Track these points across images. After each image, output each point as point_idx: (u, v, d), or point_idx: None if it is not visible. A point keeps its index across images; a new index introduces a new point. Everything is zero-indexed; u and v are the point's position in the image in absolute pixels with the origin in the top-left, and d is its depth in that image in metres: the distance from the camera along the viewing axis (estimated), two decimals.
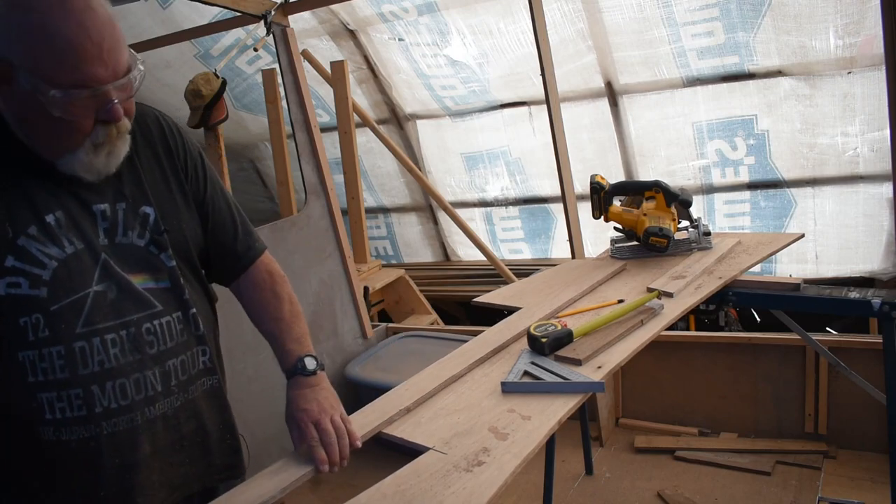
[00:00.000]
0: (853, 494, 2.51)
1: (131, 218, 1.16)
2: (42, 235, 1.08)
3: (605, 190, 2.11)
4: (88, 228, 1.12)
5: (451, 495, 1.05)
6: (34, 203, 1.08)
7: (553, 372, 1.38)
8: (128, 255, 1.15)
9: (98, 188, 1.13)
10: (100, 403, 1.10)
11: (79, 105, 1.01)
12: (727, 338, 3.06)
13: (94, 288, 1.11)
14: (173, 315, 1.19)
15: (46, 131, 1.05)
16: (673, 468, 2.88)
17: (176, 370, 1.19)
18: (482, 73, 3.61)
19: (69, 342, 1.08)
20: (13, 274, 1.05)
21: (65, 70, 0.99)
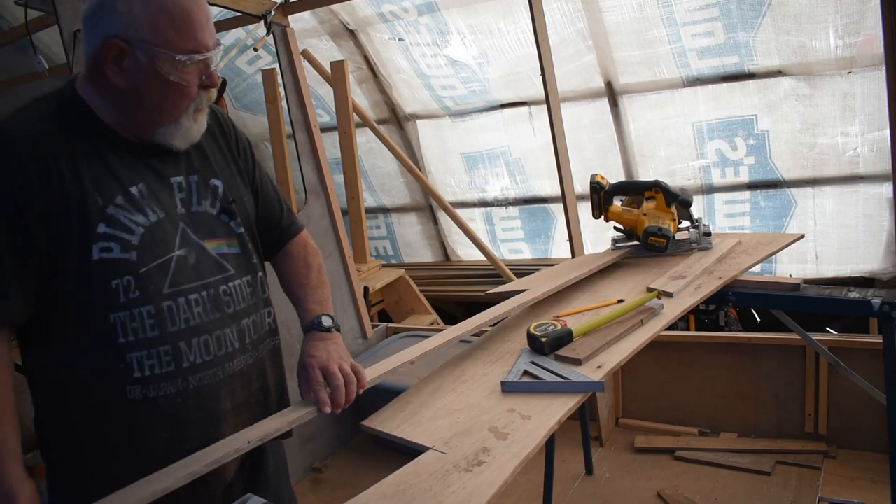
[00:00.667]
0: (853, 494, 2.51)
1: (203, 189, 1.26)
2: (128, 204, 1.16)
3: (605, 190, 2.11)
4: (167, 198, 1.21)
5: (451, 495, 1.05)
6: (118, 176, 1.17)
7: (553, 371, 1.38)
8: (202, 222, 1.25)
9: (172, 162, 1.24)
10: (187, 359, 1.18)
11: (192, 71, 1.14)
12: (727, 338, 3.06)
13: (177, 252, 1.20)
14: (244, 278, 1.29)
15: (158, 100, 1.15)
16: (673, 468, 2.88)
17: (249, 329, 1.28)
18: (482, 73, 3.61)
19: (158, 302, 1.16)
20: (105, 239, 1.13)
21: (184, 38, 1.12)
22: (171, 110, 1.18)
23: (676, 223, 2.05)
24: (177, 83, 1.14)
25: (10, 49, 3.73)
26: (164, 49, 1.11)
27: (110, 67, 1.13)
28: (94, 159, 1.16)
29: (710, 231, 2.09)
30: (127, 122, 1.19)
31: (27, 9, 2.25)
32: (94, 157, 1.16)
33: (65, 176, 1.12)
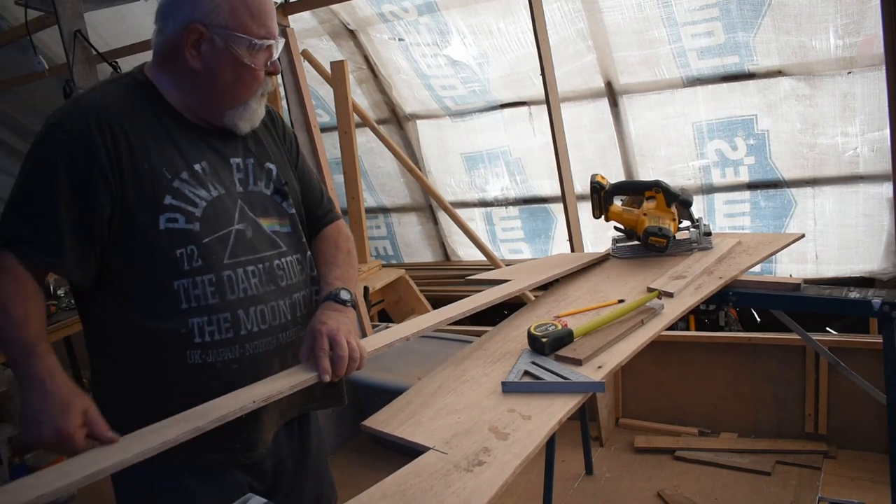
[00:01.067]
0: (853, 494, 2.51)
1: (258, 171, 1.36)
2: (192, 180, 1.25)
3: (605, 189, 2.10)
4: (226, 177, 1.31)
5: (451, 495, 1.05)
6: (184, 153, 1.27)
7: (553, 372, 1.38)
8: (258, 201, 1.34)
9: (231, 145, 1.34)
10: (244, 327, 1.26)
11: (261, 56, 1.26)
12: (727, 338, 3.06)
13: (236, 226, 1.29)
14: (294, 256, 1.37)
15: (231, 83, 1.26)
16: (673, 468, 2.88)
17: (300, 303, 1.37)
18: (482, 73, 3.61)
19: (219, 271, 1.25)
20: (171, 210, 1.22)
21: (257, 25, 1.24)
22: (242, 93, 1.28)
23: (677, 223, 2.04)
24: (249, 66, 1.25)
25: (10, 49, 3.74)
26: (242, 34, 1.23)
27: (189, 51, 1.24)
28: (162, 137, 1.25)
29: (711, 231, 2.09)
30: (195, 105, 1.29)
31: (27, 9, 2.26)
32: (163, 135, 1.25)
33: (134, 148, 1.21)
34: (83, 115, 1.19)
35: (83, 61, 2.13)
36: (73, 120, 1.19)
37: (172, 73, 1.28)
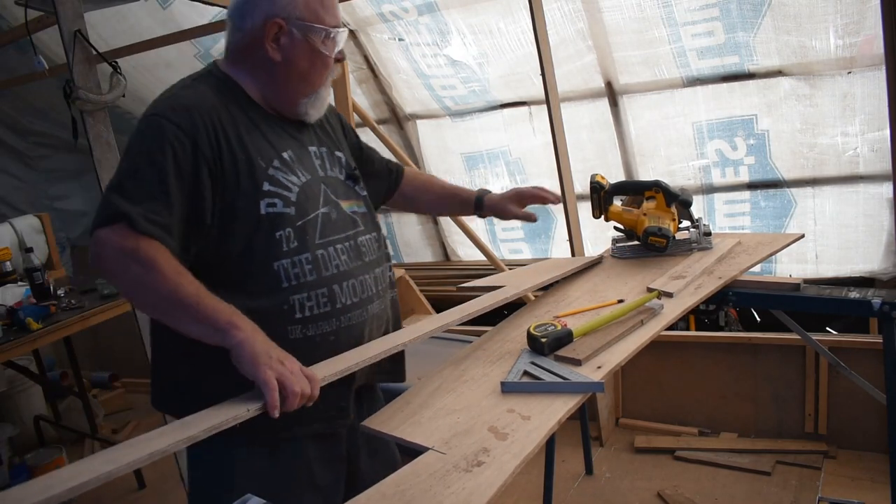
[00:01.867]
0: (853, 494, 2.52)
1: (331, 158, 1.50)
2: (284, 167, 1.37)
3: (605, 189, 2.11)
4: (309, 163, 1.43)
5: (450, 495, 1.05)
6: (273, 143, 1.38)
7: (553, 372, 1.38)
8: (336, 185, 1.47)
9: (306, 134, 1.47)
10: (339, 300, 1.37)
11: (332, 44, 1.39)
12: (727, 338, 3.06)
13: (322, 210, 1.40)
14: (371, 234, 1.50)
15: (306, 71, 1.38)
16: (673, 468, 2.88)
17: (380, 278, 1.49)
18: (482, 73, 3.61)
19: (313, 250, 1.35)
20: (270, 196, 1.32)
21: (329, 15, 1.37)
22: (316, 80, 1.40)
23: (676, 223, 2.04)
24: (323, 54, 1.38)
25: (10, 49, 3.73)
26: (317, 24, 1.36)
27: (269, 44, 1.35)
28: (251, 128, 1.36)
29: (711, 231, 2.08)
30: (271, 97, 1.40)
31: (27, 9, 2.25)
32: (251, 127, 1.36)
33: (231, 140, 1.31)
34: (186, 110, 1.28)
35: (83, 61, 2.12)
36: (177, 114, 1.28)
37: (250, 68, 1.39)
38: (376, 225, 1.54)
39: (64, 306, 3.07)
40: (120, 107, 3.96)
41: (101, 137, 2.17)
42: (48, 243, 3.90)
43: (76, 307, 3.06)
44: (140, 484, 3.31)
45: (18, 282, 3.32)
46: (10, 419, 3.71)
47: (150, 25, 3.50)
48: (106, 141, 2.18)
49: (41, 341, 2.86)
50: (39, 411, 3.88)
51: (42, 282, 3.14)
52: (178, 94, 1.33)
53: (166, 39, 3.32)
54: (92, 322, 3.01)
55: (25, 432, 3.74)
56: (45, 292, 3.14)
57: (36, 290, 3.12)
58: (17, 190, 4.76)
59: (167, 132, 1.25)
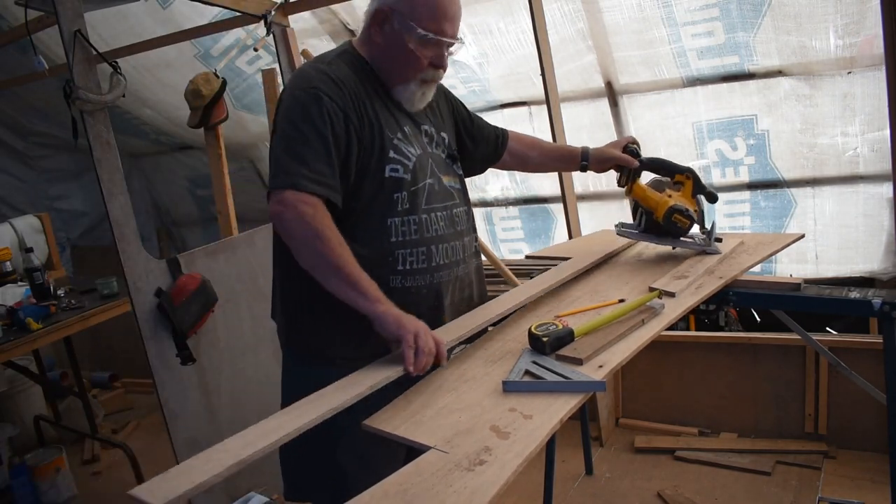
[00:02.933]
0: (853, 494, 2.52)
1: (438, 138, 1.69)
2: (404, 139, 1.58)
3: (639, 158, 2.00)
4: (420, 140, 1.62)
5: (452, 494, 1.05)
6: (394, 119, 1.58)
7: (554, 371, 1.38)
8: (439, 162, 1.66)
9: (421, 115, 1.66)
10: (435, 259, 1.59)
11: (428, 46, 1.52)
12: (727, 338, 3.06)
13: (428, 180, 1.60)
14: (463, 208, 1.70)
15: (398, 62, 1.55)
16: (673, 468, 2.88)
17: (467, 246, 1.69)
18: (482, 73, 3.60)
19: (419, 214, 1.57)
20: (393, 162, 1.54)
21: (430, 20, 1.50)
22: (404, 73, 1.56)
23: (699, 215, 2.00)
24: (413, 52, 1.52)
25: (10, 49, 3.73)
26: (414, 22, 1.49)
27: (374, 28, 1.56)
28: (380, 102, 1.57)
29: (721, 238, 2.05)
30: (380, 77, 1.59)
31: (27, 9, 2.25)
32: (380, 101, 1.57)
33: (369, 111, 1.53)
34: (334, 83, 1.50)
35: (83, 61, 2.12)
36: (327, 86, 1.49)
37: (369, 48, 1.59)
38: (468, 200, 1.74)
39: (64, 306, 3.07)
40: (120, 107, 3.96)
41: (101, 137, 2.17)
42: (48, 243, 3.90)
43: (76, 307, 3.06)
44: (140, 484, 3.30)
45: (18, 282, 3.32)
46: (10, 419, 3.71)
47: (150, 25, 3.50)
48: (106, 141, 2.18)
49: (41, 341, 2.86)
50: (39, 411, 3.88)
51: (42, 282, 3.14)
52: (326, 70, 1.52)
53: (166, 39, 3.33)
54: (92, 322, 3.01)
55: (25, 432, 3.74)
56: (45, 292, 3.14)
57: (36, 290, 3.12)
58: (17, 190, 4.77)
59: (325, 104, 1.46)
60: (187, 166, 4.76)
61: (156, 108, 4.08)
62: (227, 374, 2.62)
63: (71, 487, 3.28)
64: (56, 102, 3.62)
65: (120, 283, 3.06)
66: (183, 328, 2.33)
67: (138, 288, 2.29)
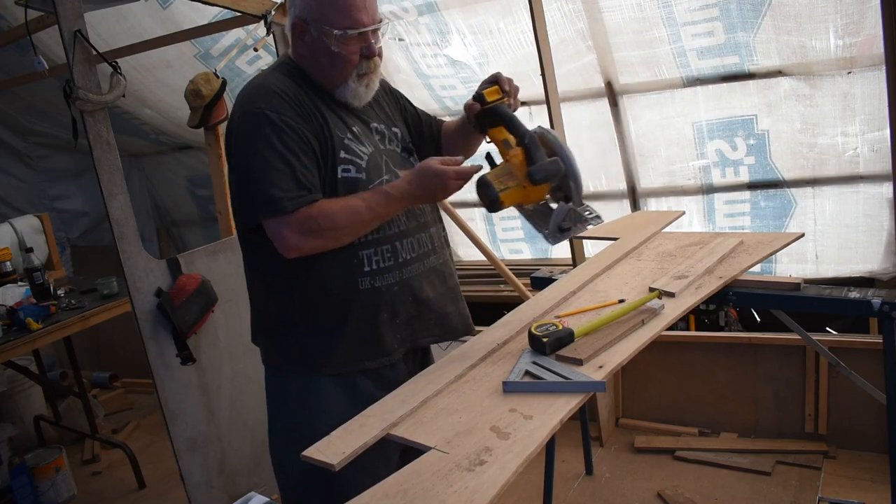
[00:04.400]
0: (853, 494, 2.52)
1: (390, 134, 1.68)
2: (354, 139, 1.57)
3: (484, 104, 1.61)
4: (371, 138, 1.62)
5: (453, 494, 1.05)
6: (343, 119, 1.58)
7: (554, 371, 1.38)
8: (394, 157, 1.65)
9: (369, 114, 1.65)
10: (401, 255, 1.59)
11: (350, 42, 1.51)
12: (727, 338, 3.06)
13: (385, 177, 1.59)
14: None
15: (329, 67, 1.54)
16: (673, 468, 2.88)
17: (435, 236, 1.71)
18: (482, 74, 3.60)
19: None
20: (345, 163, 1.54)
21: (341, 17, 1.48)
22: (339, 75, 1.55)
23: (540, 193, 1.54)
24: (339, 53, 1.51)
25: (10, 49, 3.73)
26: (327, 26, 1.49)
27: (296, 41, 1.56)
28: (325, 107, 1.56)
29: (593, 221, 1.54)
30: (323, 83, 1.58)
31: (27, 9, 2.25)
32: (325, 105, 1.56)
33: (315, 113, 1.53)
34: (276, 95, 1.50)
35: (83, 61, 2.12)
36: (269, 100, 1.50)
37: (300, 59, 1.59)
38: None
39: (64, 306, 3.07)
40: (120, 107, 3.96)
41: (101, 137, 2.17)
42: (48, 243, 3.91)
43: (76, 307, 3.06)
44: (140, 484, 3.31)
45: (18, 282, 3.32)
46: (10, 419, 3.71)
47: (150, 25, 3.50)
48: (106, 141, 2.18)
49: (41, 341, 2.86)
50: (39, 411, 3.88)
51: (42, 282, 3.14)
52: (262, 85, 1.54)
53: (166, 39, 3.33)
54: (92, 322, 3.01)
55: (25, 432, 3.74)
56: (45, 292, 3.14)
57: (36, 290, 3.12)
58: (17, 190, 4.76)
59: (272, 119, 1.48)
60: (187, 166, 4.76)
61: (156, 108, 4.08)
62: (227, 374, 2.63)
63: (71, 487, 3.28)
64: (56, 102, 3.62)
65: (120, 283, 3.06)
66: (183, 328, 2.33)
67: (138, 288, 2.30)
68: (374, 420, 1.29)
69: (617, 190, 3.58)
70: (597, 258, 2.09)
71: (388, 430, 1.26)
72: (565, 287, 1.86)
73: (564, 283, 1.91)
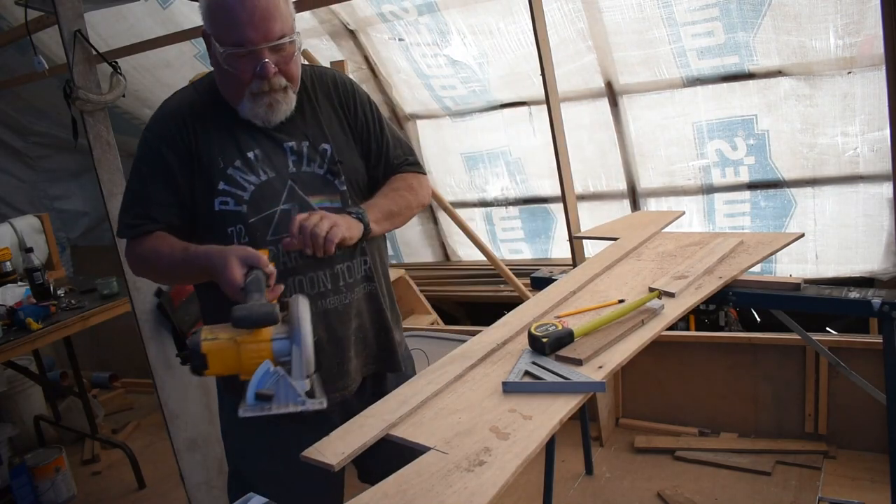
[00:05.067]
0: (853, 494, 2.52)
1: (312, 153, 1.51)
2: (244, 167, 1.45)
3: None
4: (279, 161, 1.48)
5: (452, 494, 1.05)
6: (239, 142, 1.46)
7: (554, 372, 1.38)
8: (309, 181, 1.49)
9: (287, 130, 1.49)
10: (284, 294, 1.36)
11: (238, 60, 1.37)
12: (727, 338, 3.06)
13: (282, 206, 1.46)
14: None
15: (222, 83, 1.45)
16: (673, 468, 2.88)
17: (343, 273, 1.52)
18: (482, 73, 3.61)
19: (262, 247, 1.41)
20: (224, 195, 1.44)
21: (225, 33, 1.36)
22: (232, 92, 1.44)
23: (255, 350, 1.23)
24: (227, 70, 1.39)
25: (10, 49, 3.73)
26: (216, 41, 1.38)
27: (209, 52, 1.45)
28: (223, 129, 1.46)
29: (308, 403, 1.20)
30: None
31: (27, 9, 2.25)
32: (223, 128, 1.46)
33: (201, 142, 1.44)
34: (163, 118, 1.47)
35: (83, 61, 2.13)
36: (156, 122, 1.48)
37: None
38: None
39: (64, 306, 3.07)
40: (120, 107, 3.96)
41: (101, 137, 2.17)
42: (48, 243, 3.91)
43: (76, 307, 3.06)
44: (140, 484, 3.31)
45: (18, 282, 3.32)
46: (10, 419, 3.71)
47: (150, 25, 3.50)
48: (106, 141, 2.19)
49: (41, 341, 2.86)
50: (39, 411, 3.88)
51: (42, 282, 3.14)
52: (165, 104, 1.51)
53: (166, 39, 3.32)
54: (92, 322, 3.01)
55: (25, 432, 3.74)
56: (45, 292, 3.14)
57: (36, 290, 3.12)
58: (17, 190, 4.77)
59: (147, 140, 1.48)
60: None
61: (156, 108, 4.08)
62: None
63: (71, 487, 3.28)
64: (56, 102, 3.62)
65: (120, 283, 3.06)
66: (183, 328, 2.33)
67: (138, 288, 2.30)
68: (374, 420, 1.29)
69: (617, 190, 3.58)
70: (597, 258, 2.09)
71: (388, 431, 1.26)
72: (565, 287, 1.86)
73: (564, 283, 1.91)
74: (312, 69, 1.61)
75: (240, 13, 1.34)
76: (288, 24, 1.39)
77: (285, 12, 1.39)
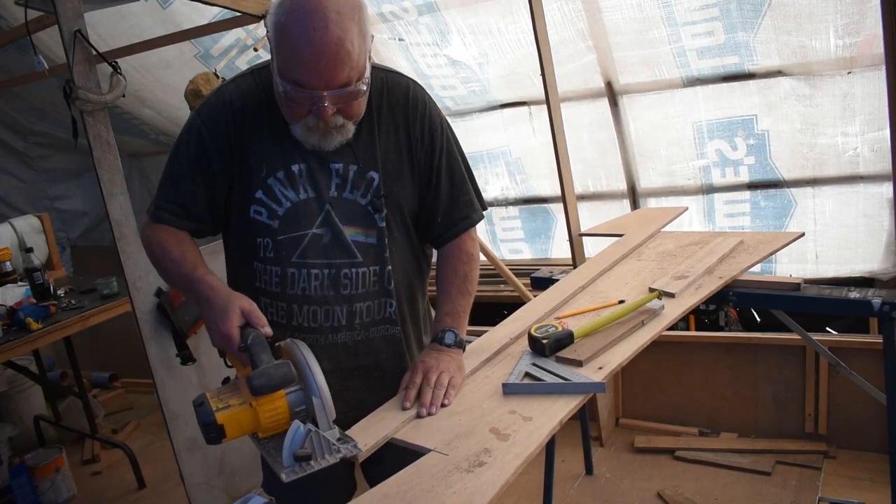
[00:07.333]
0: (853, 494, 2.52)
1: (359, 179, 1.41)
2: (286, 179, 1.38)
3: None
4: (322, 181, 1.39)
5: (452, 495, 1.05)
6: (286, 152, 1.38)
7: (554, 373, 1.38)
8: (348, 209, 1.41)
9: (338, 150, 1.38)
10: (296, 319, 1.42)
11: (294, 97, 1.27)
12: (727, 338, 3.06)
13: (314, 230, 1.40)
14: (371, 267, 1.43)
15: (280, 102, 1.34)
16: (673, 468, 2.88)
17: (362, 312, 1.45)
18: (482, 73, 3.60)
19: (285, 267, 1.40)
20: (258, 204, 1.39)
21: (285, 66, 1.25)
22: (286, 115, 1.34)
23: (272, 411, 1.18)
24: (282, 97, 1.30)
25: (10, 49, 3.73)
26: (276, 67, 1.28)
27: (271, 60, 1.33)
28: (276, 131, 1.38)
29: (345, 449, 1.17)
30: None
31: (27, 9, 2.25)
32: (277, 130, 1.38)
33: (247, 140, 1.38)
34: (218, 107, 1.39)
35: (83, 61, 2.12)
36: (209, 110, 1.40)
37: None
38: (383, 260, 1.43)
39: (64, 306, 3.07)
40: (120, 107, 3.96)
41: (101, 137, 2.17)
42: (48, 243, 3.91)
43: (76, 307, 3.06)
44: (140, 484, 3.31)
45: (18, 282, 3.32)
46: (10, 419, 3.71)
47: (150, 25, 3.50)
48: (106, 141, 2.18)
49: (41, 341, 2.86)
50: (39, 411, 3.88)
51: (42, 282, 3.14)
52: (223, 90, 1.42)
53: (166, 39, 3.32)
54: (92, 322, 3.01)
55: (25, 432, 3.74)
56: (45, 292, 3.14)
57: (36, 290, 3.12)
58: (17, 190, 4.77)
59: (195, 126, 1.40)
60: None
61: (156, 108, 4.08)
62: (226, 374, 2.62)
63: (71, 487, 3.28)
64: (56, 102, 3.62)
65: (120, 283, 3.06)
66: (183, 328, 2.33)
67: (138, 288, 2.30)
68: (377, 428, 1.29)
69: (617, 190, 3.58)
70: (597, 258, 2.09)
71: (391, 434, 1.25)
72: (565, 288, 1.85)
73: (564, 283, 1.91)
74: (386, 75, 1.48)
75: (306, 54, 1.21)
76: (357, 69, 1.26)
77: (357, 55, 1.25)
